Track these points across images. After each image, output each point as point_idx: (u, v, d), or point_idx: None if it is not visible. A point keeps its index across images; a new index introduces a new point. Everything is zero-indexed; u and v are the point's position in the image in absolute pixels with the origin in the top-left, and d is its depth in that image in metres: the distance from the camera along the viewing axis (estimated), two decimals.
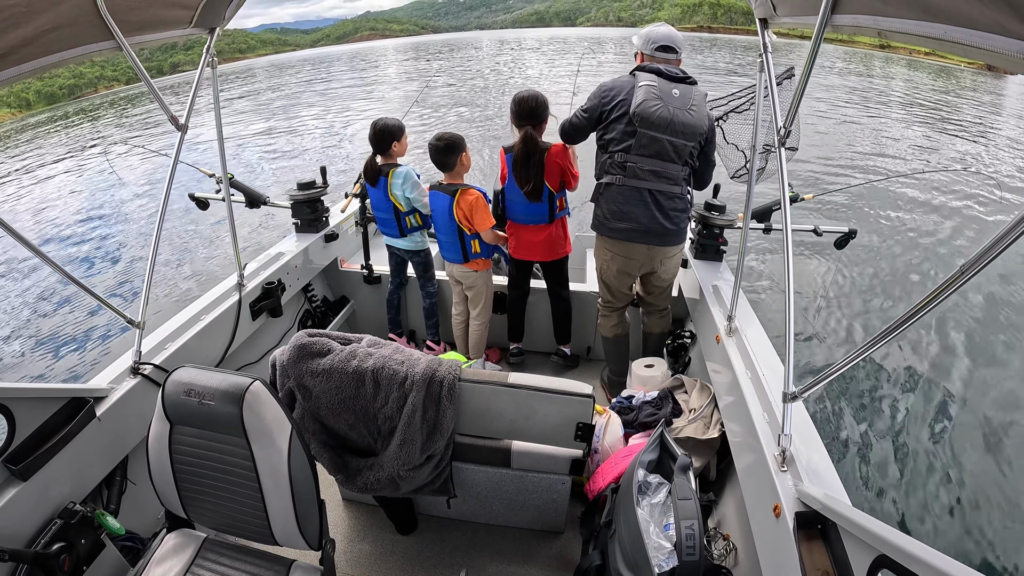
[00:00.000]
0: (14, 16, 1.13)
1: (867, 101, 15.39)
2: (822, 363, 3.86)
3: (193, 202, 2.69)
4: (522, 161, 2.24)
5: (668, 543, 1.15)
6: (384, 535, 1.87)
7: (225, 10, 1.84)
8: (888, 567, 0.82)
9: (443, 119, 13.08)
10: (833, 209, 6.69)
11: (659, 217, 2.03)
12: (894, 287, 4.93)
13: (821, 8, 1.14)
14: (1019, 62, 0.73)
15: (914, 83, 20.59)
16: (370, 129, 2.44)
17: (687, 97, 1.92)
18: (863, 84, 19.43)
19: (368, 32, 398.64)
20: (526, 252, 2.50)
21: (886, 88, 18.70)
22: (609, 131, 2.01)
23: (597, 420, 1.87)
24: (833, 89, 16.92)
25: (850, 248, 2.50)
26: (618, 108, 1.97)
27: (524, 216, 2.40)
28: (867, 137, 10.81)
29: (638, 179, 2.00)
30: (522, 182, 2.26)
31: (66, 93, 73.13)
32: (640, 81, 1.93)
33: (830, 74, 21.67)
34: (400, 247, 2.63)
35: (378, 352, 1.51)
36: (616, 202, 2.06)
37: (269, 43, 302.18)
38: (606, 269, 2.25)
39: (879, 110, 14.10)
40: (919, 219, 6.53)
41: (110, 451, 1.53)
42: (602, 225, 2.15)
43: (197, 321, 1.94)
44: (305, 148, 11.80)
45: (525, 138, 2.20)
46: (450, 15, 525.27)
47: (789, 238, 1.41)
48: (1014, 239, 0.74)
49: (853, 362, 1.07)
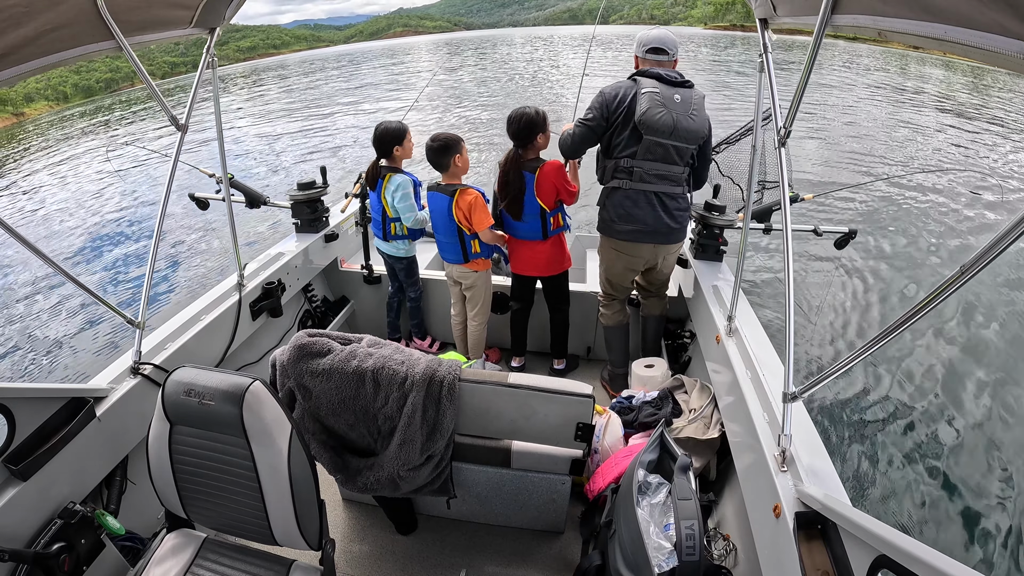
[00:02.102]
0: (14, 16, 1.13)
1: (874, 99, 15.38)
2: (822, 363, 3.86)
3: (193, 202, 2.69)
4: (502, 179, 2.30)
5: (668, 543, 1.15)
6: (384, 535, 1.87)
7: (225, 10, 1.83)
8: (888, 567, 0.82)
9: (471, 123, 12.79)
10: (833, 209, 6.69)
11: (664, 218, 2.10)
12: (894, 287, 4.93)
13: (821, 8, 1.14)
14: (1019, 62, 0.73)
15: (925, 79, 20.49)
16: (374, 132, 2.45)
17: (688, 102, 1.96)
18: (872, 81, 19.40)
19: (401, 28, 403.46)
20: (523, 267, 2.50)
21: (900, 85, 18.64)
22: (615, 137, 2.05)
23: (597, 420, 1.87)
24: (843, 88, 16.92)
25: (850, 248, 2.50)
26: (623, 115, 1.99)
27: (519, 232, 2.40)
28: (868, 138, 10.81)
29: (644, 183, 2.06)
30: (503, 198, 2.31)
31: (103, 87, 73.09)
32: (643, 87, 1.95)
33: (841, 71, 21.67)
34: (384, 250, 2.68)
35: (378, 352, 1.51)
36: (624, 206, 2.11)
37: (303, 39, 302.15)
38: (612, 267, 2.32)
39: (886, 108, 14.10)
40: (919, 219, 6.52)
41: (110, 451, 1.53)
42: (609, 227, 2.20)
43: (197, 321, 1.94)
44: (338, 145, 11.72)
45: (507, 157, 2.28)
46: (483, 12, 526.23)
47: (789, 238, 1.41)
48: (1014, 239, 0.74)
49: (853, 362, 1.07)
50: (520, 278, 2.57)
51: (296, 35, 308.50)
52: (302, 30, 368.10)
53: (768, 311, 4.34)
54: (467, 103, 16.10)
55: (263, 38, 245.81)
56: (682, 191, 2.12)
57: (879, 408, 3.41)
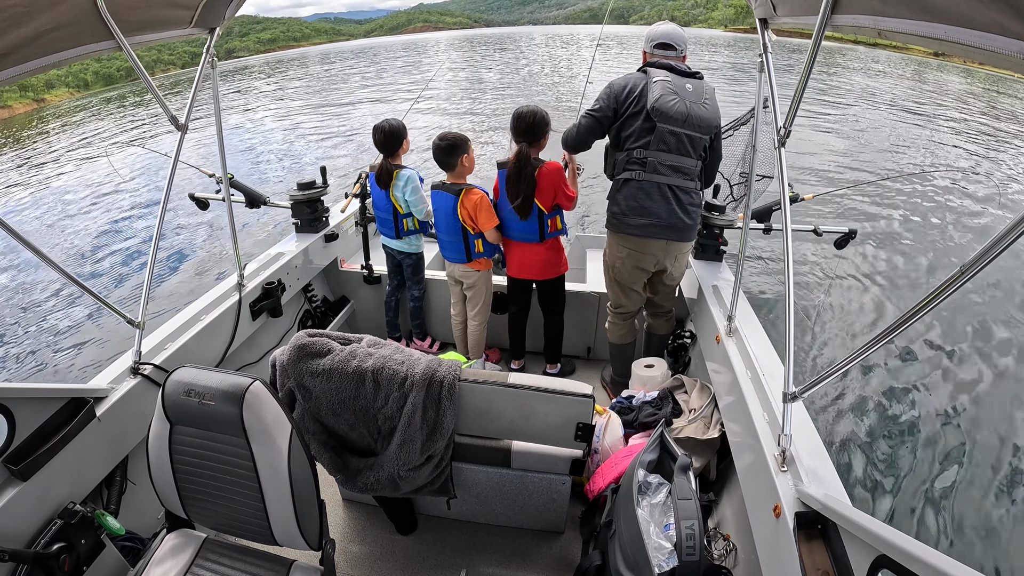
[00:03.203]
0: (14, 16, 1.13)
1: (878, 103, 15.38)
2: (822, 363, 3.86)
3: (193, 202, 2.69)
4: (514, 177, 2.21)
5: (668, 543, 1.15)
6: (384, 535, 1.87)
7: (225, 10, 1.83)
8: (888, 567, 0.82)
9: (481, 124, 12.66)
10: (834, 209, 6.69)
11: (678, 211, 2.03)
12: (895, 287, 4.93)
13: (821, 8, 1.14)
14: (1019, 62, 0.73)
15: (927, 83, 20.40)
16: (376, 133, 2.44)
17: (700, 91, 1.94)
18: (876, 84, 19.34)
19: (421, 24, 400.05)
20: (519, 270, 2.46)
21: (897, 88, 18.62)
22: (625, 128, 2.00)
23: (597, 420, 1.87)
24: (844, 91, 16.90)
25: (850, 248, 2.50)
26: (634, 104, 1.95)
27: (516, 233, 2.37)
28: (869, 137, 10.80)
29: (657, 174, 2.00)
30: (512, 196, 2.25)
31: (124, 75, 73.29)
32: (654, 77, 1.92)
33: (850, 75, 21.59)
34: (394, 247, 2.67)
35: (378, 352, 1.51)
36: (636, 198, 2.03)
37: (323, 32, 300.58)
38: (620, 267, 2.21)
39: (887, 109, 14.09)
40: (920, 219, 6.53)
41: (110, 451, 1.53)
42: (620, 222, 2.10)
43: (197, 321, 1.94)
44: None
45: (518, 154, 2.20)
46: (503, 9, 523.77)
47: (789, 238, 1.41)
48: (1014, 239, 0.74)
49: (853, 362, 1.07)
50: (515, 281, 2.53)
51: (316, 28, 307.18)
52: (322, 23, 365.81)
53: (768, 311, 4.34)
54: (483, 98, 15.97)
55: (283, 30, 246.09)
56: (695, 186, 2.06)
57: (879, 408, 3.41)
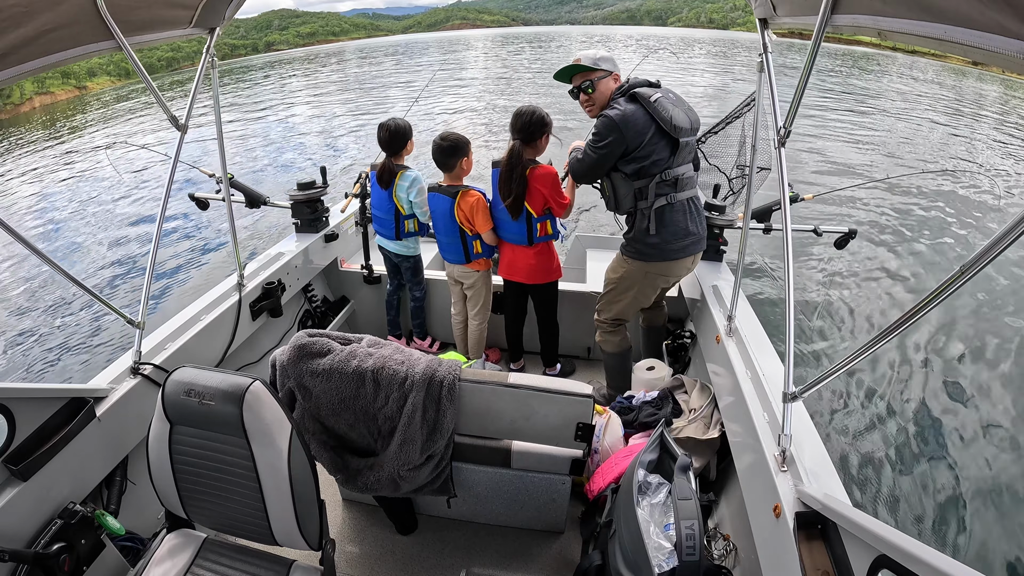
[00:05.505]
0: (14, 16, 1.13)
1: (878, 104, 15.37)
2: (822, 363, 3.86)
3: (193, 202, 2.69)
4: (505, 175, 2.18)
5: (668, 543, 1.15)
6: (384, 535, 1.87)
7: (225, 10, 1.83)
8: (888, 567, 0.82)
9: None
10: (834, 209, 6.69)
11: (700, 223, 2.02)
12: (895, 287, 4.92)
13: (821, 8, 1.14)
14: (1019, 62, 0.73)
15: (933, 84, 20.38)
16: (381, 131, 2.42)
17: (678, 96, 1.93)
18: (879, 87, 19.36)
19: (459, 21, 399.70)
20: (508, 271, 2.42)
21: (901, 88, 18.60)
22: (647, 158, 1.87)
23: (597, 420, 1.87)
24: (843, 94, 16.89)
25: (850, 248, 2.50)
26: (645, 134, 1.84)
27: (507, 234, 2.33)
28: (870, 138, 10.80)
29: (684, 191, 1.95)
30: (504, 195, 2.21)
31: (164, 65, 76.00)
32: (650, 96, 1.85)
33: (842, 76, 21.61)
34: (391, 250, 2.65)
35: (378, 352, 1.51)
36: (676, 222, 1.95)
37: (361, 27, 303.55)
38: (644, 295, 2.13)
39: (889, 109, 14.09)
40: (920, 219, 6.52)
41: (110, 451, 1.53)
42: (664, 252, 1.99)
43: (197, 321, 1.94)
44: None
45: (511, 152, 2.16)
46: (541, 8, 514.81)
47: (789, 238, 1.41)
48: (1014, 239, 0.74)
49: (853, 362, 1.07)
50: (509, 285, 2.50)
51: (355, 23, 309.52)
52: (360, 18, 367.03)
53: (768, 311, 4.34)
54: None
55: (322, 24, 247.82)
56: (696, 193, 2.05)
57: (879, 408, 3.41)
